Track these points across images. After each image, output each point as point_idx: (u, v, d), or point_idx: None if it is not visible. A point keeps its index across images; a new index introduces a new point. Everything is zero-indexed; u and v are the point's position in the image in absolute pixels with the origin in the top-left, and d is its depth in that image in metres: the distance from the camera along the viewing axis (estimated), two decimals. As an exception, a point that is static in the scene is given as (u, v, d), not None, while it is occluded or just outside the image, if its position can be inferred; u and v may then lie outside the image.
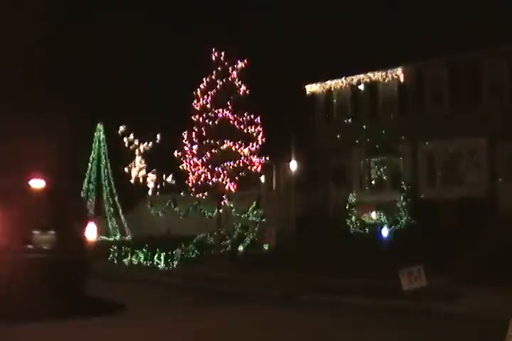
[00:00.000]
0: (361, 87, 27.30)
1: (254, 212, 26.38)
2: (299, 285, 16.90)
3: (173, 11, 54.42)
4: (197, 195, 27.13)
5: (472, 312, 12.68)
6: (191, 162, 25.20)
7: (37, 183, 12.54)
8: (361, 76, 27.14)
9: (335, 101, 28.56)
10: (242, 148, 24.82)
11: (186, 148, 25.45)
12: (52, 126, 39.29)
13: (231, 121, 24.98)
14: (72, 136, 37.58)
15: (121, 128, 33.80)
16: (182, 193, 30.23)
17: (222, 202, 25.99)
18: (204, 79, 25.70)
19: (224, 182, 24.61)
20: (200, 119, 25.40)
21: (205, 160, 24.91)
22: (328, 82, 28.37)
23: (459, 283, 15.32)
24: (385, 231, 22.88)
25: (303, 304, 15.21)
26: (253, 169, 25.02)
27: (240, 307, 14.84)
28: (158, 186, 33.09)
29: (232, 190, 24.96)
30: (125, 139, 33.80)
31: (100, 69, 44.49)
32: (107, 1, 51.48)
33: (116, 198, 32.97)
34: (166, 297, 16.85)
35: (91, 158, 34.01)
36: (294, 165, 27.05)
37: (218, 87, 25.39)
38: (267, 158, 25.52)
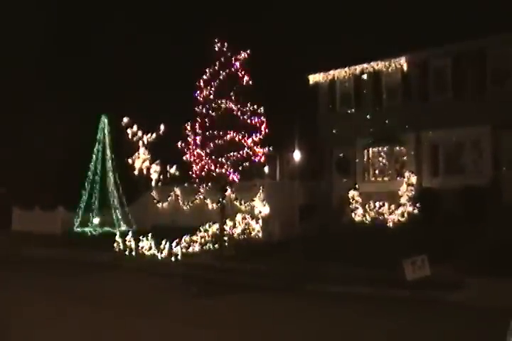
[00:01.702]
0: (364, 76, 27.22)
1: (258, 203, 26.36)
2: (303, 276, 16.97)
3: (176, 2, 54.24)
4: (200, 186, 27.14)
5: (475, 302, 12.75)
6: (195, 153, 25.17)
7: None
8: (364, 65, 27.07)
9: (338, 90, 28.50)
10: (245, 138, 24.78)
11: (190, 139, 25.42)
12: (57, 118, 39.41)
13: (234, 112, 24.91)
14: (76, 127, 37.73)
15: (125, 119, 33.75)
16: (186, 184, 30.26)
17: (226, 193, 25.99)
18: (207, 69, 25.61)
19: (227, 172, 24.59)
20: (204, 110, 25.33)
21: (208, 150, 24.88)
22: (332, 72, 28.29)
23: (462, 272, 15.35)
24: (388, 221, 22.91)
25: (307, 294, 15.30)
26: (257, 159, 25.00)
27: (245, 298, 14.93)
28: (162, 177, 33.09)
29: (236, 180, 24.96)
30: (129, 131, 33.78)
31: (104, 61, 44.52)
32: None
33: (120, 189, 32.99)
34: (173, 288, 16.96)
35: (95, 150, 34.02)
36: (297, 156, 27.05)
37: (221, 77, 25.31)
38: (271, 149, 25.46)
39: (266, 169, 28.25)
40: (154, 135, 33.96)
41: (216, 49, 25.26)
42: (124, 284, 18.31)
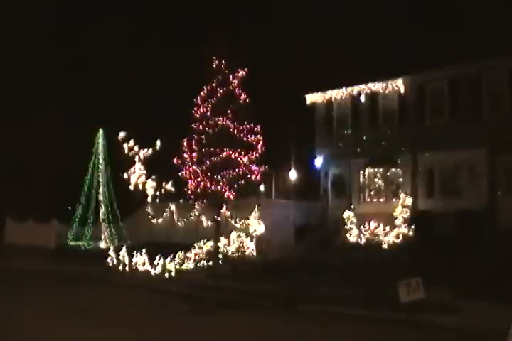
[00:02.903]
0: (362, 97, 27.36)
1: (253, 221, 26.32)
2: (297, 296, 16.90)
3: (175, 19, 54.61)
4: (196, 203, 27.11)
5: (469, 325, 12.72)
6: (191, 169, 25.23)
7: None
8: (362, 86, 27.22)
9: (335, 111, 28.60)
10: (241, 156, 24.86)
11: (186, 156, 25.49)
12: (53, 131, 39.43)
13: (231, 130, 25.03)
14: (72, 140, 37.76)
15: (122, 134, 33.73)
16: (181, 200, 30.20)
17: (221, 210, 25.99)
18: (204, 87, 25.76)
19: (223, 190, 24.63)
20: (200, 127, 25.45)
21: (204, 167, 24.94)
22: (329, 92, 28.42)
23: (456, 295, 15.34)
24: (383, 242, 22.89)
25: (302, 314, 15.22)
26: (252, 177, 25.05)
27: (238, 317, 14.84)
28: (158, 193, 32.99)
29: (231, 198, 25.00)
30: (125, 145, 33.73)
31: (102, 76, 44.69)
32: (108, 9, 51.68)
33: (115, 204, 32.89)
34: (165, 304, 16.85)
35: (91, 163, 33.97)
36: (293, 175, 27.12)
37: (218, 95, 25.46)
38: (267, 167, 25.54)
39: (261, 187, 28.26)
40: (151, 150, 33.91)
41: (214, 66, 25.47)
42: (115, 300, 18.17)
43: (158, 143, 33.75)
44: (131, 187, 33.26)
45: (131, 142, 33.93)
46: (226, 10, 49.16)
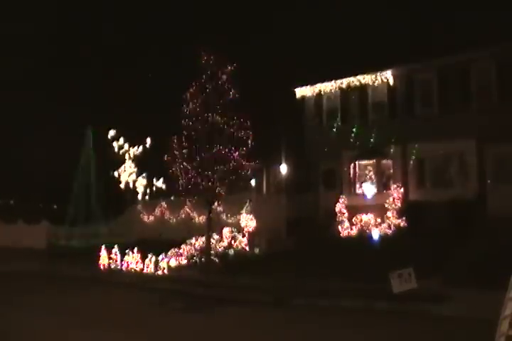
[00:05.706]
0: (351, 90, 27.30)
1: (245, 216, 26.26)
2: (289, 290, 16.86)
3: (162, 16, 54.40)
4: (187, 199, 27.01)
5: (461, 314, 12.71)
6: (181, 166, 25.08)
7: None
8: (351, 79, 27.17)
9: (325, 104, 28.55)
10: (232, 151, 24.74)
11: (176, 152, 25.34)
12: (42, 131, 39.24)
13: (221, 125, 24.88)
14: (62, 139, 37.59)
15: (111, 132, 33.63)
16: (172, 197, 30.11)
17: (213, 206, 25.87)
18: (193, 83, 25.60)
19: (214, 186, 24.51)
20: (190, 123, 25.29)
21: (195, 164, 24.80)
22: (318, 85, 28.36)
23: (448, 284, 15.34)
24: (375, 234, 22.89)
25: (294, 308, 15.18)
26: (243, 173, 24.94)
27: (232, 313, 14.79)
28: (149, 190, 32.95)
29: (223, 193, 24.87)
30: (115, 143, 33.63)
31: (90, 74, 44.50)
32: (91, 11, 51.49)
33: (106, 203, 32.78)
34: (159, 302, 16.78)
35: (81, 163, 33.86)
36: (284, 169, 27.05)
37: (208, 90, 25.29)
38: (258, 162, 25.43)
39: (253, 182, 28.18)
40: (141, 148, 33.84)
41: (203, 62, 25.30)
42: (108, 299, 18.09)
43: (149, 140, 33.75)
44: (122, 186, 33.25)
45: (121, 140, 33.92)
46: (214, 6, 49.00)
